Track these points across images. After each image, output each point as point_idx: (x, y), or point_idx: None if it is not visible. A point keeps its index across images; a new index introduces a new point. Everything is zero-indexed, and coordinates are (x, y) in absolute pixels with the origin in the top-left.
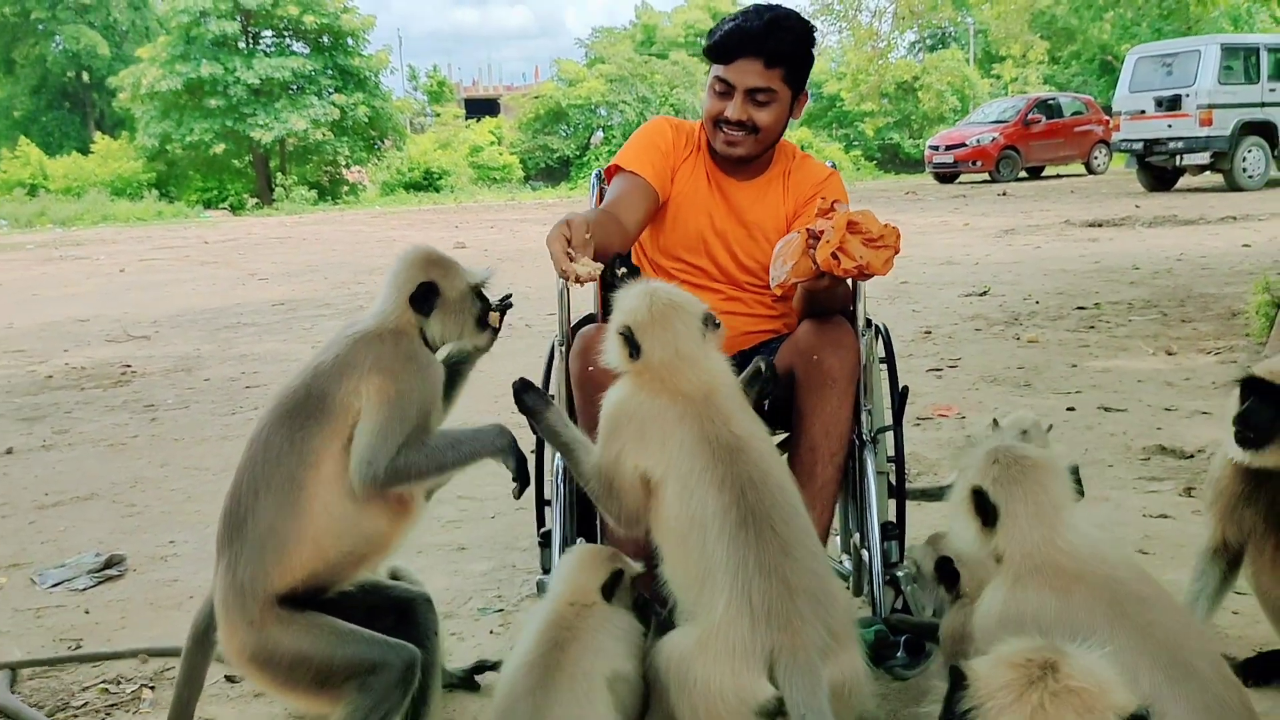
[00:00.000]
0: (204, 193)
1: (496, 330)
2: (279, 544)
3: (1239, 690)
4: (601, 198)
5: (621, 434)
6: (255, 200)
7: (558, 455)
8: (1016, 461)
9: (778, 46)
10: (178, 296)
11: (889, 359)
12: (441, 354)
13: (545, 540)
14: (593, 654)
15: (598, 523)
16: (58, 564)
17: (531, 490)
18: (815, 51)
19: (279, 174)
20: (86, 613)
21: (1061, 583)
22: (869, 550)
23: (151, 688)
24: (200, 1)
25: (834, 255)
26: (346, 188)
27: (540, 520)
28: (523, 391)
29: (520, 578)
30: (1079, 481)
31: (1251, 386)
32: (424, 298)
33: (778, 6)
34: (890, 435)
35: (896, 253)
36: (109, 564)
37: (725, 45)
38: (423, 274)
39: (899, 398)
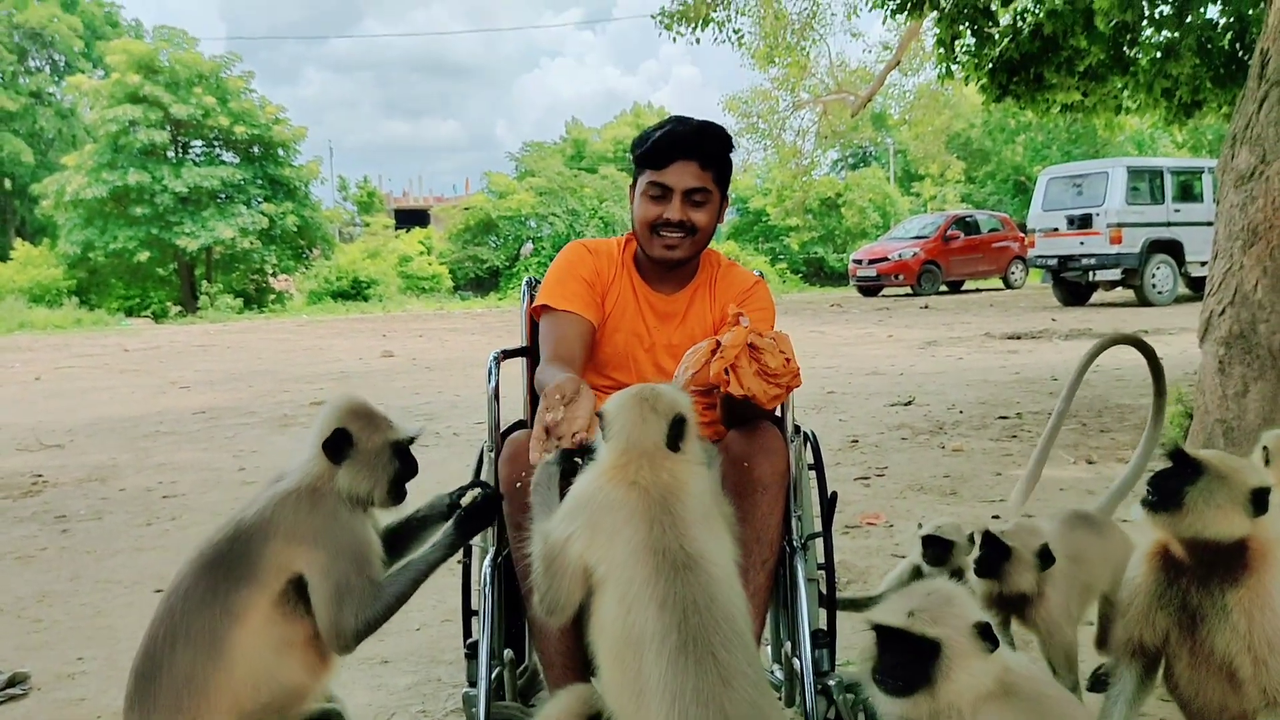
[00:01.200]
0: (126, 300)
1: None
2: (196, 694)
3: None
4: (533, 304)
5: (576, 518)
6: (179, 308)
7: (486, 562)
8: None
9: (710, 149)
10: (95, 404)
11: (817, 465)
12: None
13: (472, 652)
14: None
15: (525, 635)
16: None
17: (459, 600)
18: (736, 159)
19: (204, 281)
20: None
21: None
22: (800, 659)
23: None
24: (130, 111)
25: (726, 371)
26: (273, 296)
27: (467, 631)
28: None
29: (445, 691)
30: None
31: (1175, 457)
32: (337, 447)
33: (698, 118)
34: (820, 542)
35: (789, 391)
36: (11, 682)
37: (660, 149)
38: (340, 422)
39: (828, 504)
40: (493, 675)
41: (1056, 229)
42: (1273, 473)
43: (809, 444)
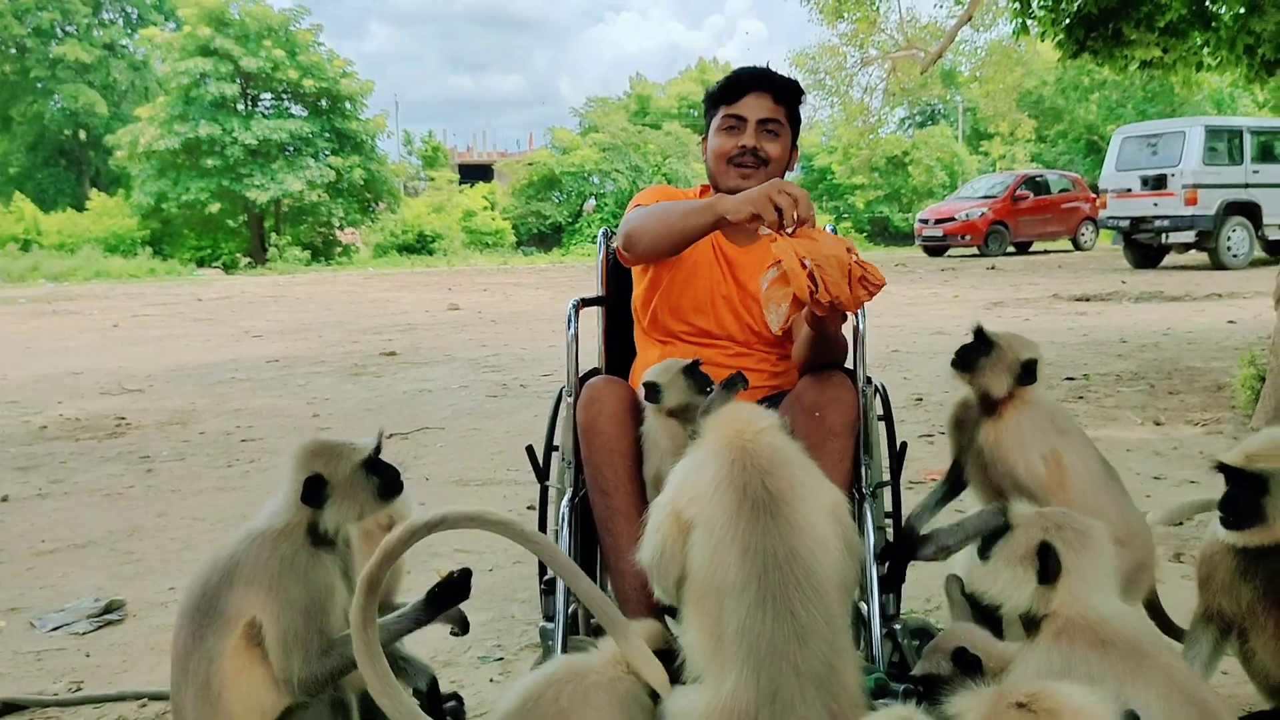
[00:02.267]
0: (198, 251)
1: (398, 493)
2: None
3: None
4: (608, 256)
5: (674, 481)
6: (249, 260)
7: (564, 502)
8: (1078, 527)
9: (782, 84)
10: (171, 352)
11: (886, 416)
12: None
13: (549, 588)
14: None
15: (598, 570)
16: (57, 608)
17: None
18: (803, 114)
19: (273, 234)
20: (87, 656)
21: (1099, 641)
22: (868, 603)
23: None
24: (200, 64)
25: (813, 282)
26: (340, 249)
27: (543, 569)
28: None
29: (519, 628)
30: None
31: (1227, 472)
32: (314, 492)
33: None
34: (888, 490)
35: (872, 289)
36: (108, 609)
37: (734, 84)
38: (307, 469)
39: (897, 454)
40: (569, 609)
41: (1130, 189)
42: None
43: (879, 395)
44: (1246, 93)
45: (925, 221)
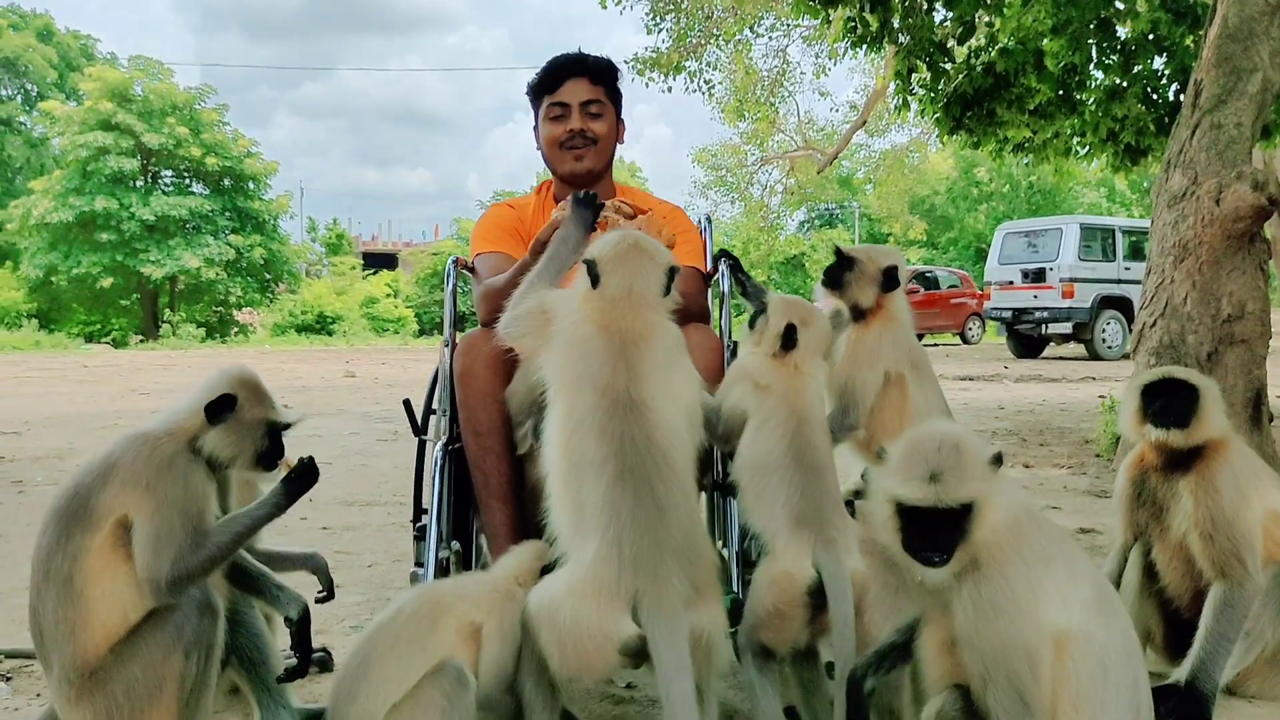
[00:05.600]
0: (87, 326)
1: (273, 469)
2: (66, 635)
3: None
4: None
5: (552, 323)
6: (140, 336)
7: (437, 449)
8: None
9: (597, 65)
10: (53, 404)
11: None
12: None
13: (420, 534)
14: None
15: (472, 523)
16: None
17: (409, 545)
18: (622, 88)
19: (167, 310)
20: None
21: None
22: (729, 546)
23: (7, 678)
24: (101, 138)
25: None
26: (236, 328)
27: (417, 515)
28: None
29: None
30: None
31: (1165, 385)
32: (218, 408)
33: None
34: None
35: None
36: None
37: (553, 73)
38: (228, 387)
39: None
40: (440, 556)
41: (1012, 282)
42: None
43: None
44: (1122, 205)
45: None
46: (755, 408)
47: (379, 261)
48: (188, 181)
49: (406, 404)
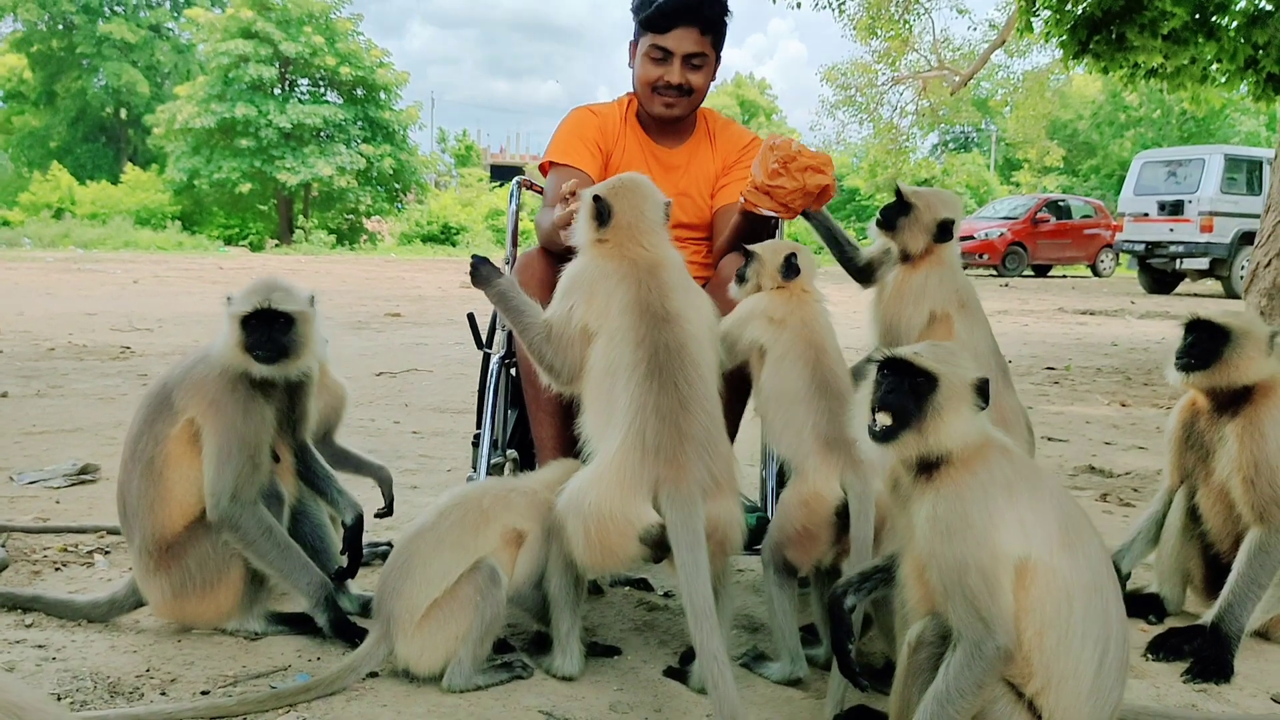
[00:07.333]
0: (225, 229)
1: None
2: (148, 509)
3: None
4: (520, 206)
5: (575, 292)
6: (275, 241)
7: (494, 360)
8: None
9: (710, 14)
10: (185, 303)
11: None
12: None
13: (476, 441)
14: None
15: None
16: (36, 469)
17: (474, 398)
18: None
19: (300, 217)
20: (57, 503)
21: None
22: (767, 468)
23: (106, 552)
24: (241, 46)
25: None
26: (365, 236)
27: (478, 421)
28: (479, 265)
29: None
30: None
31: (1197, 325)
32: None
33: None
34: None
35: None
36: (84, 471)
37: (664, 15)
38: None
39: None
40: (490, 462)
41: (1147, 214)
42: None
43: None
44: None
45: None
46: (772, 342)
47: (507, 174)
48: (322, 90)
49: (470, 318)
